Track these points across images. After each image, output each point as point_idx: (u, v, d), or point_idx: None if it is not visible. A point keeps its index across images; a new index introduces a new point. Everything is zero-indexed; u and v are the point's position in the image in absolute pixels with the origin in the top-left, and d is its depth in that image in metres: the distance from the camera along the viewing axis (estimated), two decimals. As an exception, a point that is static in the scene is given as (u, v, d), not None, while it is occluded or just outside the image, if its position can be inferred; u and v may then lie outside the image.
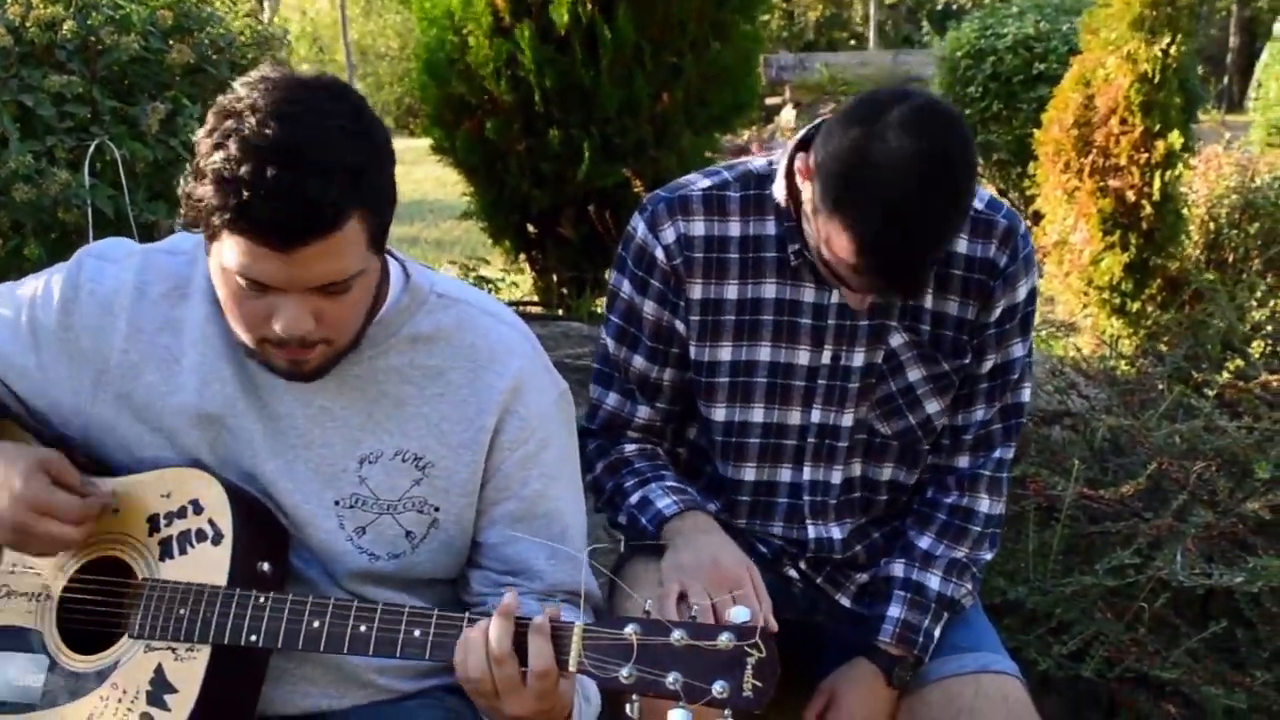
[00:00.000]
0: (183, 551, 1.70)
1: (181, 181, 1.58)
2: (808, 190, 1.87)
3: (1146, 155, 5.27)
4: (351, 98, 1.59)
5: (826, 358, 2.05)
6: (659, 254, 2.04)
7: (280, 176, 1.46)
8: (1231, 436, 2.95)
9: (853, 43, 24.61)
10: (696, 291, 2.04)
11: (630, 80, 4.08)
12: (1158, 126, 5.28)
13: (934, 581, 2.08)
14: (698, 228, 2.04)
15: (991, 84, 8.94)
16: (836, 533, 2.13)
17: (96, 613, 1.73)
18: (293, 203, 1.47)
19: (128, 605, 1.71)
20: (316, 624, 1.62)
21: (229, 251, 1.54)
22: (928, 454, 2.14)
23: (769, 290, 2.04)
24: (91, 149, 2.21)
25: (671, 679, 1.46)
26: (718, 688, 1.45)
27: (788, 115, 11.86)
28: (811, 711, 2.08)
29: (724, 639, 1.47)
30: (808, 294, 2.03)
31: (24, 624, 1.73)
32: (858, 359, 2.04)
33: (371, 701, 1.80)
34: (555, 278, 4.85)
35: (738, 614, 1.50)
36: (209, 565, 1.68)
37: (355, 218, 1.53)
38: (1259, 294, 4.63)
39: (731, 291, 2.05)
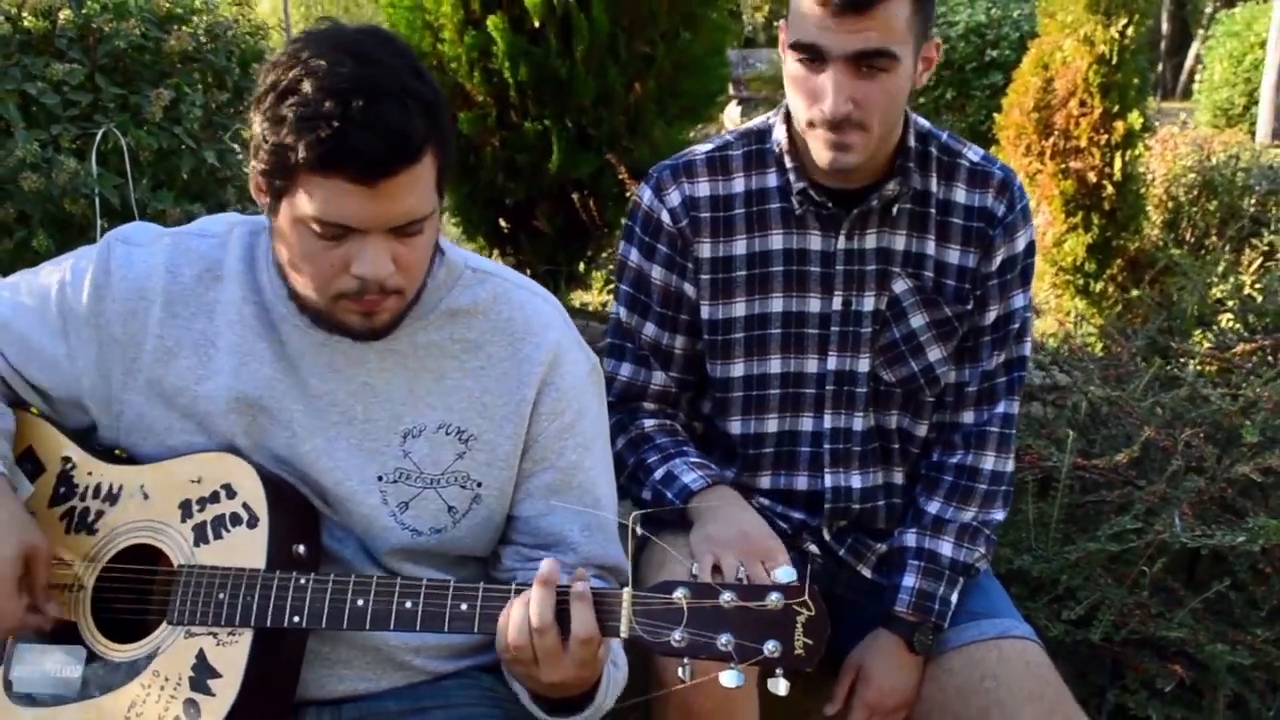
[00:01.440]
0: (218, 536, 1.69)
1: (254, 141, 1.57)
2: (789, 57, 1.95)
3: (1106, 136, 5.37)
4: (400, 43, 1.61)
5: (838, 304, 2.09)
6: (665, 217, 2.09)
7: (367, 108, 1.49)
8: (1216, 404, 3.01)
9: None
10: (705, 250, 2.09)
11: (604, 71, 4.08)
12: (1116, 107, 5.38)
13: (946, 548, 2.12)
14: (702, 189, 2.09)
15: (944, 71, 9.08)
16: (856, 481, 2.16)
17: (132, 601, 1.72)
18: (381, 133, 1.49)
19: (164, 592, 1.70)
20: (360, 602, 1.62)
21: (308, 198, 1.54)
22: (932, 406, 2.18)
23: (776, 241, 2.09)
24: (98, 137, 2.17)
25: (723, 640, 1.47)
26: (769, 647, 1.46)
27: (732, 113, 11.83)
28: (842, 687, 2.10)
29: (773, 599, 1.47)
30: (814, 241, 2.08)
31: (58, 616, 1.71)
32: (868, 303, 2.09)
33: (408, 683, 1.80)
34: (529, 272, 4.84)
35: (783, 574, 1.50)
36: (246, 549, 1.67)
37: (430, 151, 1.55)
38: (1221, 268, 4.72)
39: (740, 246, 2.09)
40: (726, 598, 1.49)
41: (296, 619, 1.63)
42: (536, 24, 4.00)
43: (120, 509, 1.74)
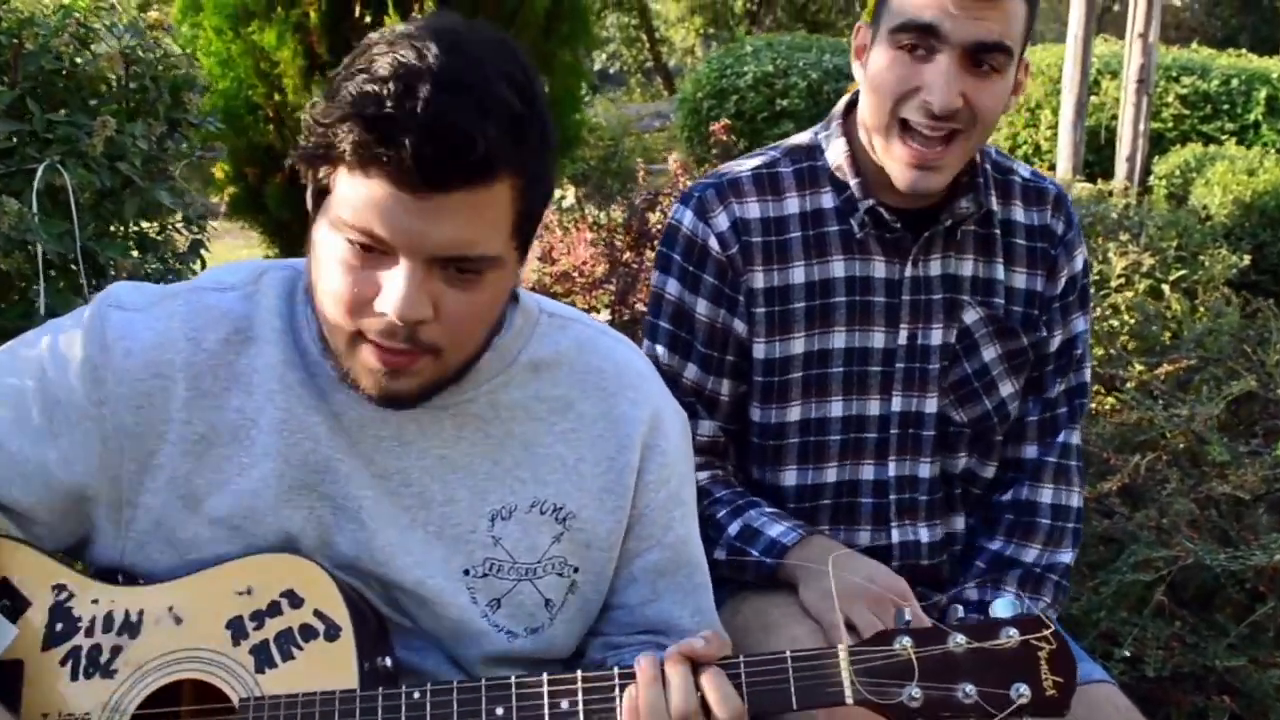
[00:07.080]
0: (287, 656, 1.35)
1: (305, 117, 1.26)
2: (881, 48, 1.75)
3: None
4: (521, 56, 1.31)
5: (903, 338, 1.89)
6: (712, 243, 1.86)
7: (435, 99, 1.18)
8: (1161, 425, 2.98)
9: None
10: (759, 280, 1.86)
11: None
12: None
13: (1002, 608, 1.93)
14: (752, 210, 1.87)
15: (736, 122, 9.14)
16: (924, 535, 1.96)
17: (176, 756, 1.35)
18: (444, 133, 1.19)
19: (222, 738, 1.34)
20: (500, 710, 1.31)
21: (348, 198, 1.23)
22: (1000, 444, 2.00)
23: (837, 268, 1.87)
24: (39, 174, 1.71)
25: (964, 691, 1.27)
26: (1018, 691, 1.27)
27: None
28: None
29: (1009, 635, 1.29)
30: (878, 268, 1.88)
31: (74, 788, 1.32)
32: (935, 337, 1.90)
33: None
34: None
35: (1002, 606, 1.32)
36: (329, 666, 1.34)
37: (507, 181, 1.25)
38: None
39: (798, 275, 1.87)
40: (957, 641, 1.29)
41: None
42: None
43: (144, 641, 1.37)
